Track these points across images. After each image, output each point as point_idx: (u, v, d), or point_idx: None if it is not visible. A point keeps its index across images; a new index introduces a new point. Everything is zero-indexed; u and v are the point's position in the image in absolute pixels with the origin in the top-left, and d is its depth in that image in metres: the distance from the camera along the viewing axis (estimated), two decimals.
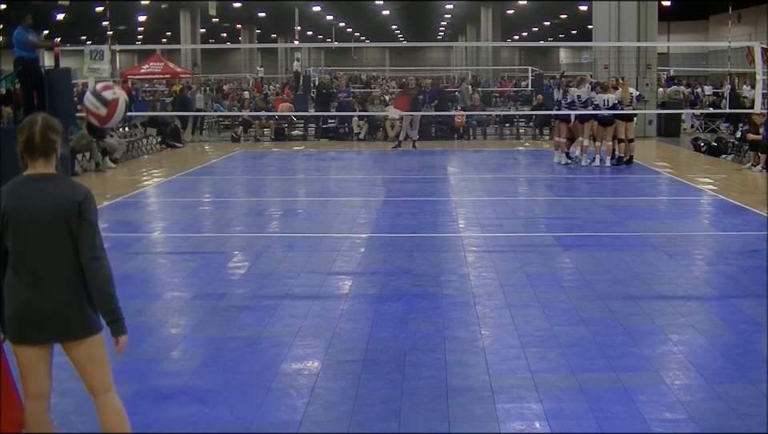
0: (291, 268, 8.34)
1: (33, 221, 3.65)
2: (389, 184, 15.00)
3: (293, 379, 5.32)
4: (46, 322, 3.67)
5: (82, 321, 3.72)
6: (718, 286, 7.76)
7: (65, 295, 3.67)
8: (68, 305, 3.68)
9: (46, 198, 3.66)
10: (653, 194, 13.91)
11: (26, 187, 3.69)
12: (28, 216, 3.65)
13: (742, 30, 41.57)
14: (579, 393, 5.03)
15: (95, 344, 3.77)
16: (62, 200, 3.66)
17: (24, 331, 3.69)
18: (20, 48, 13.16)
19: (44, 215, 3.65)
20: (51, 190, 3.67)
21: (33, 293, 3.65)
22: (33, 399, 3.78)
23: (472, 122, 24.38)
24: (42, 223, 3.65)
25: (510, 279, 7.85)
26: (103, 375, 3.81)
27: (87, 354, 3.76)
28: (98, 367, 3.80)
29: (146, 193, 14.31)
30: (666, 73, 33.95)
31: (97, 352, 3.78)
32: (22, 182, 3.72)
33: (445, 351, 5.81)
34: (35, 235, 3.65)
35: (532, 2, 46.38)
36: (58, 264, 3.67)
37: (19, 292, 3.67)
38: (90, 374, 3.79)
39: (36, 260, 3.66)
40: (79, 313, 3.71)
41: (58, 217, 3.65)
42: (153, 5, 45.72)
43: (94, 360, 3.78)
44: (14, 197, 3.68)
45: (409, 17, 59.42)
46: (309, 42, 60.56)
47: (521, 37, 67.55)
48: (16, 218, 3.66)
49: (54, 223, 3.65)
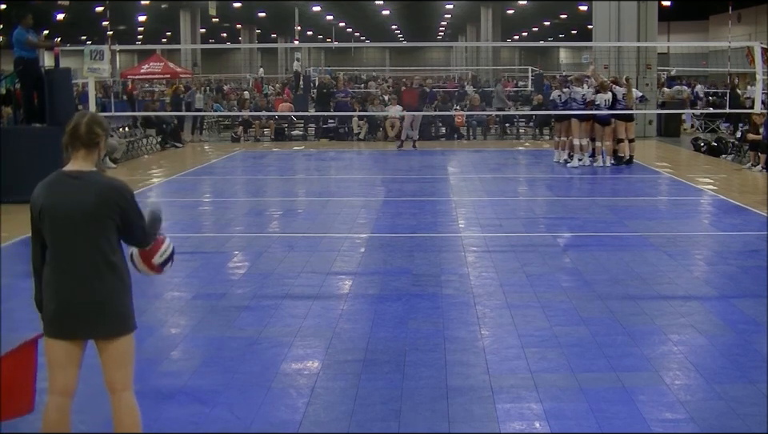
0: (291, 268, 8.34)
1: (69, 218, 3.67)
2: (389, 184, 14.99)
3: (293, 379, 5.32)
4: (83, 317, 3.70)
5: (118, 318, 3.76)
6: (717, 286, 7.76)
7: (102, 291, 3.71)
8: (105, 301, 3.72)
9: (86, 194, 3.68)
10: (653, 194, 13.91)
11: (62, 184, 3.72)
12: (64, 213, 3.67)
13: (742, 30, 41.56)
14: (579, 393, 5.03)
15: (127, 343, 3.81)
16: (95, 197, 3.67)
17: (62, 326, 3.72)
18: (20, 48, 13.15)
19: (80, 213, 3.67)
20: (92, 186, 3.69)
21: (70, 289, 3.69)
22: (56, 395, 3.78)
23: (472, 122, 24.38)
24: (78, 220, 3.67)
25: (510, 279, 7.85)
26: (126, 373, 3.84)
27: (117, 352, 3.79)
28: (125, 365, 3.83)
29: (146, 193, 14.30)
30: (666, 73, 33.91)
31: (126, 351, 3.82)
32: (58, 179, 3.74)
33: (445, 351, 5.81)
34: (71, 232, 3.68)
35: (532, 1, 46.36)
36: (95, 261, 3.69)
37: (57, 288, 3.70)
38: (114, 371, 3.81)
39: (73, 257, 3.69)
40: (116, 310, 3.75)
41: (91, 214, 3.67)
42: (153, 5, 45.71)
43: (122, 359, 3.81)
44: (51, 194, 3.71)
45: (409, 17, 59.40)
46: (309, 42, 60.57)
47: (521, 37, 67.53)
48: (52, 214, 3.69)
49: (91, 219, 3.68)
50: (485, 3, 49.05)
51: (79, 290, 3.69)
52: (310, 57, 63.90)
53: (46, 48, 16.32)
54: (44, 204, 3.70)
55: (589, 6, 30.90)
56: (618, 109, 16.54)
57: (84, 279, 3.69)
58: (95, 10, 40.45)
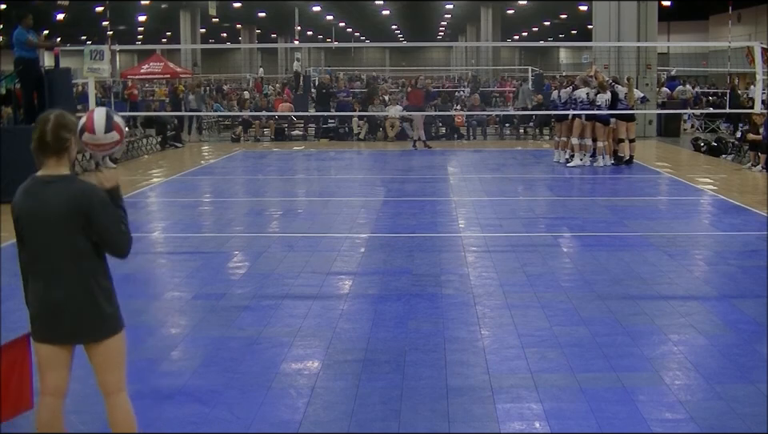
0: (291, 268, 8.34)
1: (44, 223, 3.65)
2: (389, 184, 14.99)
3: (293, 379, 5.32)
4: (66, 324, 3.69)
5: (101, 321, 3.74)
6: (717, 286, 7.76)
7: (81, 296, 3.69)
8: (85, 307, 3.70)
9: (57, 201, 3.64)
10: (653, 194, 13.91)
11: (36, 190, 3.68)
12: (39, 219, 3.65)
13: (742, 30, 41.54)
14: (579, 393, 5.03)
15: (115, 344, 3.79)
16: (68, 202, 3.64)
17: (46, 331, 3.71)
18: (20, 48, 13.16)
19: (56, 218, 3.64)
20: (63, 192, 3.65)
21: (51, 295, 3.67)
22: (48, 396, 3.78)
23: (472, 122, 24.38)
24: (53, 226, 3.65)
25: (510, 279, 7.85)
26: (119, 374, 3.83)
27: (106, 354, 3.78)
28: (115, 367, 3.82)
29: (146, 193, 14.31)
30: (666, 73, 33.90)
31: (115, 352, 3.80)
32: (33, 185, 3.71)
33: (445, 351, 5.81)
34: (48, 238, 3.66)
35: (532, 1, 46.36)
36: (73, 266, 3.68)
37: (39, 294, 3.69)
38: (105, 373, 3.81)
39: (50, 263, 3.67)
40: (98, 314, 3.72)
41: (71, 219, 3.64)
42: (153, 5, 45.69)
43: (112, 361, 3.80)
44: (26, 200, 3.68)
45: (409, 17, 59.41)
46: (309, 42, 60.52)
47: (521, 37, 67.50)
48: (28, 221, 3.67)
49: (68, 224, 3.65)
50: (485, 3, 49.04)
51: (60, 296, 3.67)
52: (310, 57, 63.90)
53: (46, 48, 16.33)
54: (20, 211, 3.68)
55: (589, 5, 30.91)
56: (620, 109, 16.55)
57: (63, 285, 3.67)
58: (95, 10, 40.43)
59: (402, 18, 60.43)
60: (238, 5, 45.40)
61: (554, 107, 17.94)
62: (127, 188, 14.36)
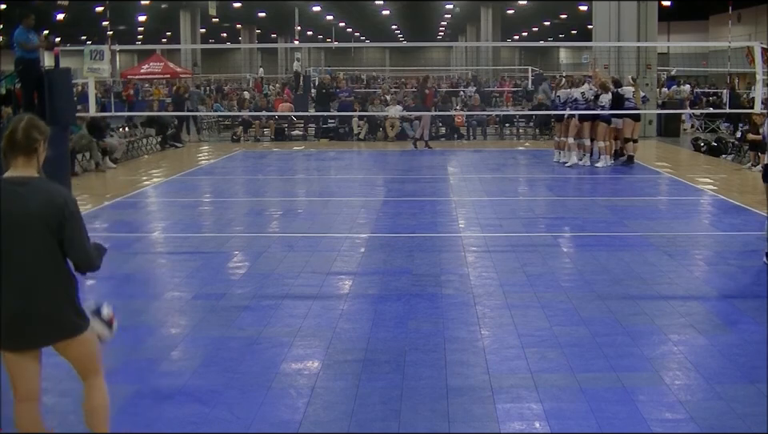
0: (291, 268, 8.34)
1: (14, 227, 3.60)
2: (389, 184, 14.99)
3: (293, 379, 5.32)
4: (35, 328, 3.68)
5: (68, 322, 3.74)
6: (717, 286, 7.75)
7: (51, 298, 3.68)
8: (55, 308, 3.69)
9: (26, 204, 3.60)
10: (653, 194, 13.91)
11: (6, 192, 3.62)
12: (9, 222, 3.60)
13: (742, 30, 41.52)
14: (579, 393, 5.03)
15: (84, 341, 3.81)
16: (43, 205, 3.61)
17: (14, 339, 3.68)
18: (21, 48, 13.14)
19: (25, 221, 3.60)
20: (32, 195, 3.61)
21: (20, 299, 3.64)
22: (24, 402, 3.79)
23: (472, 122, 24.38)
24: (23, 229, 3.61)
25: (510, 279, 7.85)
26: (94, 364, 3.88)
27: (77, 352, 3.82)
28: (90, 360, 3.87)
29: (146, 193, 14.31)
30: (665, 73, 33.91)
31: (87, 349, 3.84)
32: (5, 186, 3.65)
33: (445, 351, 5.81)
34: (17, 241, 3.62)
35: (532, 1, 46.36)
36: (43, 269, 3.65)
37: (7, 300, 3.64)
38: (79, 366, 3.87)
39: (20, 266, 3.63)
40: (66, 315, 3.73)
41: (40, 222, 3.61)
42: (153, 5, 45.70)
43: (84, 356, 3.85)
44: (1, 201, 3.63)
45: (409, 17, 59.41)
46: (309, 42, 60.52)
47: (521, 37, 67.50)
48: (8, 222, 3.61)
49: (37, 227, 3.61)
50: (485, 3, 49.06)
51: (25, 301, 3.64)
52: (310, 57, 63.90)
53: (45, 48, 16.32)
54: None
55: (589, 5, 30.90)
56: (628, 108, 16.57)
57: (29, 291, 3.64)
58: (95, 10, 40.44)
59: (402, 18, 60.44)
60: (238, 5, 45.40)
61: (554, 107, 17.93)
62: (127, 188, 14.37)
